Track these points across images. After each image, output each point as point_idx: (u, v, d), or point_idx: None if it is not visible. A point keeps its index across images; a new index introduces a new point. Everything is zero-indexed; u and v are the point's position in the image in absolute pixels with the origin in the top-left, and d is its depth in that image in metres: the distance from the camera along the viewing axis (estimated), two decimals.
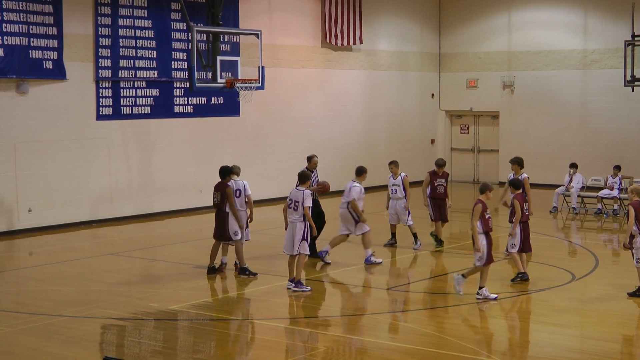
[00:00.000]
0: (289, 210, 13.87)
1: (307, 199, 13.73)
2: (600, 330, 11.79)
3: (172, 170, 22.34)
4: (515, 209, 14.28)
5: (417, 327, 12.01)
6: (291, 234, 13.85)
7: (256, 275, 14.79)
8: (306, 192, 13.81)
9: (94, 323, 12.11)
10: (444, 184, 17.59)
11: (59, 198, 20.06)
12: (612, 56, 26.90)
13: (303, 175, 14.20)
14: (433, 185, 17.58)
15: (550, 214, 22.47)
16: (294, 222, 13.79)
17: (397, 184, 17.57)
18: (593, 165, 26.09)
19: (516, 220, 14.32)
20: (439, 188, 17.57)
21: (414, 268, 16.40)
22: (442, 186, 17.57)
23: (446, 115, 30.63)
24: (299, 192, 13.85)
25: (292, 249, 13.82)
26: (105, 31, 20.65)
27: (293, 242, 13.81)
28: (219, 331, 11.95)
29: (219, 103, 23.25)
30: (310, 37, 25.90)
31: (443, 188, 17.57)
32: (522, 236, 14.37)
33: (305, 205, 13.69)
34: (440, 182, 17.57)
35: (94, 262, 16.64)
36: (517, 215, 14.29)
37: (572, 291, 14.11)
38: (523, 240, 14.39)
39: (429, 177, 17.62)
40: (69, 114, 20.23)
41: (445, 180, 17.64)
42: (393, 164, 17.65)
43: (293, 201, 13.81)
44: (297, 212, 13.75)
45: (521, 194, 14.51)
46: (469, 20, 29.69)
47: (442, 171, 17.65)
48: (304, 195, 13.75)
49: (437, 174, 17.59)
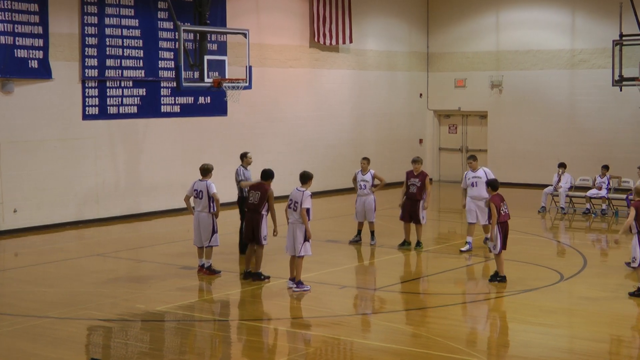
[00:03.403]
0: (289, 211, 13.85)
1: (305, 200, 13.69)
2: (589, 330, 11.80)
3: (159, 170, 22.25)
4: (492, 210, 14.18)
5: (405, 327, 11.99)
6: (292, 235, 13.83)
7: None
8: (305, 193, 13.76)
9: (80, 324, 12.04)
10: (418, 183, 17.09)
11: (45, 198, 19.95)
12: (600, 56, 26.95)
13: (304, 176, 14.06)
14: (407, 184, 17.30)
15: (538, 213, 22.50)
16: (295, 223, 13.78)
17: (367, 180, 17.58)
18: (581, 165, 26.13)
19: (493, 222, 14.20)
20: (411, 187, 17.16)
21: (402, 268, 16.37)
22: (414, 186, 17.11)
23: (434, 115, 30.64)
24: (299, 193, 13.81)
25: (294, 250, 13.81)
26: (92, 30, 20.56)
27: (294, 243, 13.80)
28: (207, 332, 11.90)
29: (206, 103, 23.18)
30: (298, 37, 25.86)
31: (416, 188, 17.09)
32: (502, 236, 14.27)
33: (303, 207, 13.65)
34: (413, 181, 17.14)
35: (80, 263, 16.55)
36: (493, 217, 14.14)
37: (561, 291, 14.12)
38: (502, 240, 14.28)
39: (405, 175, 17.39)
40: (54, 113, 20.12)
41: (420, 180, 17.12)
42: (365, 160, 17.72)
43: (293, 202, 13.79)
44: (296, 213, 13.73)
45: (498, 194, 14.39)
46: (457, 20, 29.71)
47: (418, 170, 17.21)
48: (303, 196, 13.71)
49: (412, 173, 17.28)
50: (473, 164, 16.99)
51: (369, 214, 17.62)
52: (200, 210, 14.90)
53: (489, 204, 14.27)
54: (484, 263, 16.05)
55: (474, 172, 16.93)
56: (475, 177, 16.86)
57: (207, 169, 15.07)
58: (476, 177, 16.85)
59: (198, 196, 14.88)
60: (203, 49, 17.70)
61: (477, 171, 16.90)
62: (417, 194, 17.13)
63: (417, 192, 17.13)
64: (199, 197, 14.87)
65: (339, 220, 21.09)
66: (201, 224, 14.90)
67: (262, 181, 14.49)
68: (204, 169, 15.07)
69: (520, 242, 18.09)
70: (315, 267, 15.09)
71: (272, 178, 14.55)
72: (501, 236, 14.19)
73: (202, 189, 14.85)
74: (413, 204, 17.21)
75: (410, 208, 17.23)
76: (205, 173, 15.02)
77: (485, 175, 16.68)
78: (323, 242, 17.60)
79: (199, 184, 14.93)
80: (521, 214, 21.47)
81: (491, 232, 14.33)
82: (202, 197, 14.84)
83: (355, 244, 17.84)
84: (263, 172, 14.61)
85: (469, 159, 17.25)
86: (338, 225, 20.12)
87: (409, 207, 17.25)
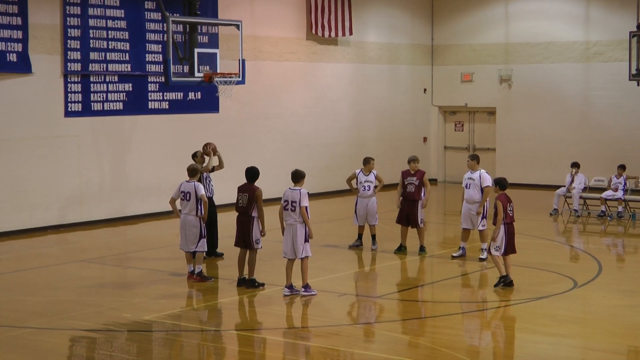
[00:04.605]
0: (285, 213, 13.89)
1: (303, 199, 13.75)
2: (605, 341, 11.82)
3: (146, 170, 22.27)
4: (498, 210, 14.26)
5: (408, 337, 12.02)
6: (290, 238, 13.88)
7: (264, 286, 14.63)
8: (302, 191, 13.84)
9: (63, 335, 12.06)
10: (416, 182, 17.03)
11: (24, 201, 19.97)
12: (616, 48, 27.00)
13: (297, 174, 14.13)
14: (403, 184, 17.24)
15: (550, 216, 22.54)
16: (293, 224, 13.82)
17: (370, 181, 17.61)
18: (596, 165, 26.18)
19: (498, 222, 14.29)
20: (408, 187, 17.10)
21: (404, 275, 16.41)
22: (412, 185, 17.05)
23: (439, 112, 30.68)
24: (295, 192, 13.86)
25: (294, 253, 13.85)
26: (74, 21, 20.58)
27: (294, 245, 13.83)
28: (197, 343, 11.93)
29: (196, 98, 23.21)
30: (294, 28, 25.88)
31: (414, 187, 17.03)
32: (507, 238, 14.33)
33: (302, 205, 13.71)
34: (410, 180, 17.08)
35: (62, 269, 16.57)
36: (499, 216, 14.24)
37: (574, 299, 14.15)
38: (507, 243, 14.35)
39: (401, 175, 17.34)
40: (35, 110, 20.14)
41: (418, 178, 17.08)
42: (372, 160, 17.78)
43: (289, 202, 13.83)
44: (295, 213, 13.78)
45: (504, 194, 14.47)
46: (464, 10, 29.75)
47: (415, 168, 17.15)
48: (300, 195, 13.76)
49: (408, 172, 17.26)
50: (471, 164, 16.88)
51: (371, 216, 17.65)
52: (187, 213, 14.94)
53: (495, 202, 14.33)
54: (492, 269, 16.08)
55: (472, 173, 16.89)
56: (470, 179, 16.84)
57: (194, 170, 15.12)
58: (471, 179, 16.82)
59: (185, 198, 14.92)
60: (193, 42, 17.71)
61: (474, 173, 16.85)
62: (416, 194, 17.09)
63: (415, 192, 17.08)
64: (186, 199, 14.91)
65: (338, 223, 21.12)
66: (187, 228, 14.93)
67: (248, 182, 14.51)
68: (191, 170, 15.12)
69: (531, 246, 18.13)
70: (313, 273, 15.10)
71: (258, 177, 14.60)
72: (507, 238, 14.26)
73: (189, 190, 14.90)
74: (411, 205, 17.16)
75: (408, 210, 17.21)
76: (193, 174, 15.06)
77: (480, 178, 16.67)
78: (321, 247, 17.62)
79: (186, 185, 14.98)
80: (532, 217, 21.54)
81: (495, 232, 14.32)
82: (190, 199, 14.88)
83: (356, 248, 17.87)
84: (248, 172, 14.57)
85: (469, 158, 17.17)
86: (336, 229, 20.15)
87: (407, 209, 17.23)
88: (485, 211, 16.71)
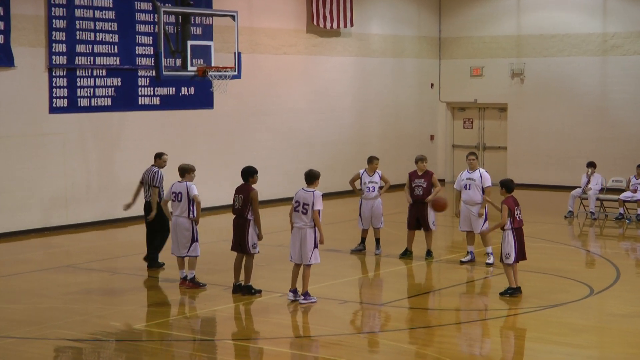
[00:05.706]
0: (295, 214, 13.89)
1: (317, 201, 13.76)
2: (622, 351, 11.82)
3: (135, 170, 22.12)
4: (503, 214, 14.17)
5: (413, 347, 12.01)
6: (298, 242, 13.89)
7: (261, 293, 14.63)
8: (316, 193, 13.83)
9: (47, 345, 12.05)
10: (423, 184, 17.10)
11: (6, 202, 19.97)
12: (635, 41, 27.03)
13: (311, 175, 14.13)
14: (411, 186, 17.30)
15: (565, 219, 22.54)
16: (303, 228, 13.84)
17: (375, 181, 17.63)
18: (614, 164, 26.19)
19: (497, 225, 14.32)
20: (416, 190, 17.16)
21: (410, 281, 16.41)
22: (420, 187, 17.11)
23: (447, 108, 30.70)
24: (308, 194, 13.86)
25: (301, 258, 13.87)
26: (59, 12, 20.58)
27: (301, 251, 13.85)
28: (189, 353, 11.93)
29: (189, 94, 23.22)
30: (293, 20, 25.90)
31: (422, 189, 17.09)
32: (517, 245, 14.27)
33: (315, 209, 13.72)
34: (418, 182, 17.15)
35: (47, 275, 16.57)
36: (502, 221, 14.15)
37: (590, 307, 14.15)
38: (517, 249, 14.32)
39: (408, 177, 17.39)
40: (17, 106, 20.14)
41: (426, 180, 17.14)
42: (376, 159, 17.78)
43: (301, 204, 13.83)
44: (306, 216, 13.79)
45: (512, 197, 14.36)
46: (473, 1, 29.77)
47: (423, 169, 17.21)
48: (314, 197, 13.77)
49: (415, 173, 17.30)
50: (473, 163, 16.90)
51: (376, 219, 17.65)
52: (178, 214, 14.94)
53: (501, 206, 14.24)
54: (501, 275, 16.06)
55: (470, 172, 16.87)
56: (470, 179, 16.84)
57: (185, 169, 15.12)
58: (470, 179, 16.83)
59: (177, 199, 14.92)
60: (186, 33, 17.72)
61: (474, 172, 16.85)
62: (425, 196, 17.13)
63: (424, 194, 17.13)
64: (178, 200, 14.91)
65: (340, 226, 21.11)
66: (179, 231, 14.93)
67: (243, 182, 14.51)
68: (182, 169, 15.13)
69: (545, 251, 18.13)
70: (314, 279, 15.09)
71: (254, 175, 14.57)
72: (517, 245, 14.20)
73: (181, 190, 14.90)
74: (420, 208, 17.21)
75: (418, 213, 17.25)
76: (184, 173, 15.07)
77: (481, 178, 16.66)
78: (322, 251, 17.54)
79: (178, 185, 14.98)
80: (546, 220, 21.54)
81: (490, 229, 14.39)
82: (182, 200, 14.89)
83: (359, 253, 17.88)
84: (244, 171, 14.63)
85: (469, 155, 17.13)
86: (338, 232, 20.13)
87: (416, 212, 17.27)
88: (486, 213, 16.73)
